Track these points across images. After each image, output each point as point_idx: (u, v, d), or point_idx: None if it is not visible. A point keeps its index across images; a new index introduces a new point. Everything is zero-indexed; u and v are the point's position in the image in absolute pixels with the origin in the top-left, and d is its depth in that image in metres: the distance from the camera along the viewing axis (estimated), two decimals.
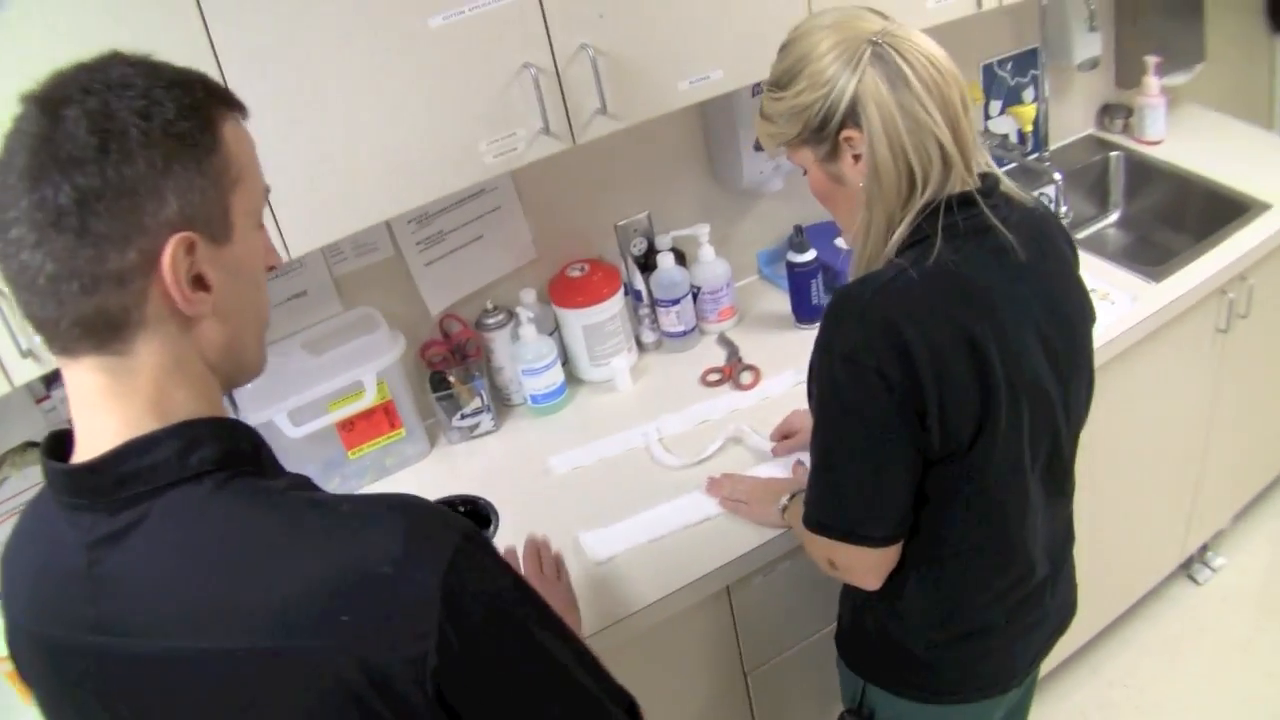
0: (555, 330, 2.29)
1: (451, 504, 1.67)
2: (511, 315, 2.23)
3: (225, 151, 0.93)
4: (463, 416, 2.20)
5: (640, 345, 2.38)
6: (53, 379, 1.83)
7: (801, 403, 2.02)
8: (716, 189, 2.44)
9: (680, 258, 2.34)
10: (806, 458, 1.92)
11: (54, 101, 0.88)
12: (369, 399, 2.05)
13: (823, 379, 1.41)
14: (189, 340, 0.94)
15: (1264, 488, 3.14)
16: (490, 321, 2.23)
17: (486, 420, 2.22)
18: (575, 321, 2.24)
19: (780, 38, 1.44)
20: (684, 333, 2.35)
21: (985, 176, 1.43)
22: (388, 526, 0.91)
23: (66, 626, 0.94)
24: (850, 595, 1.71)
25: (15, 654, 1.06)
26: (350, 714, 0.88)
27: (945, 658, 1.61)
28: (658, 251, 2.33)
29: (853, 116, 1.36)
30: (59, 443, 0.98)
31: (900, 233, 1.39)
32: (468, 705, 0.91)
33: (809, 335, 2.26)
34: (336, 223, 1.67)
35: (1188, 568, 3.03)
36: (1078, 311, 1.53)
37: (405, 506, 0.95)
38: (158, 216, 0.88)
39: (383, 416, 2.12)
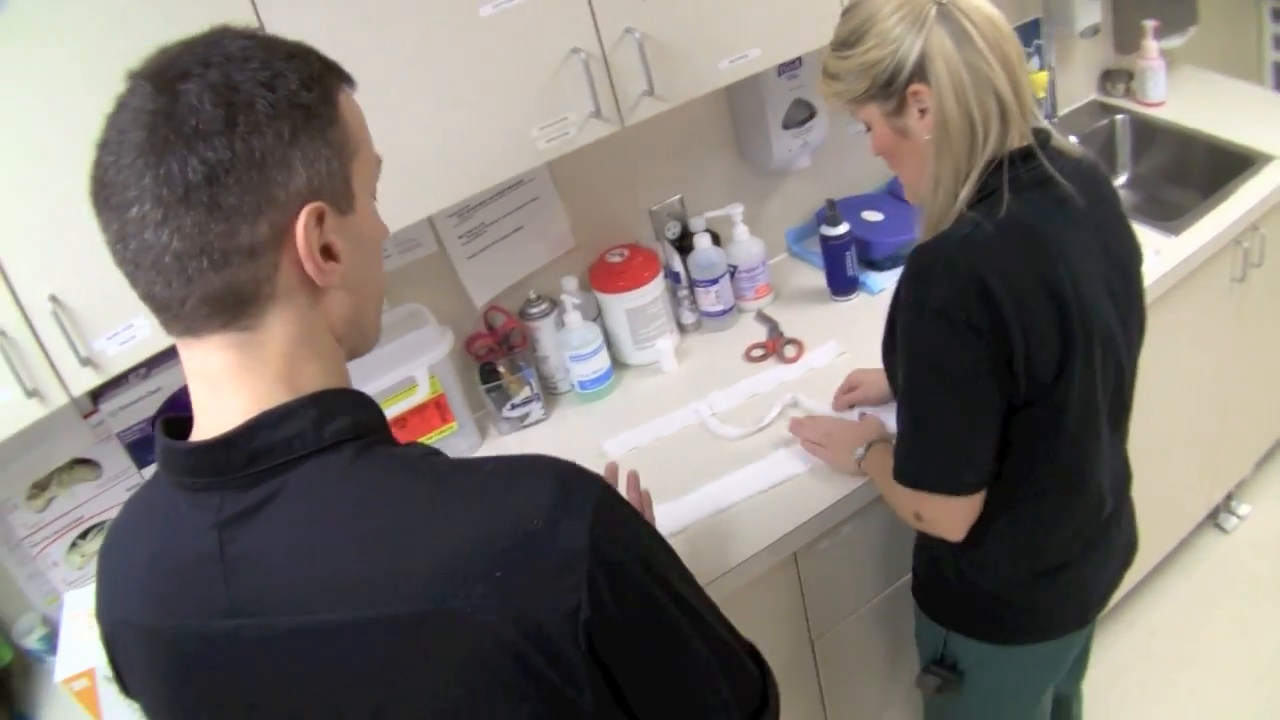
0: (598, 316, 2.32)
1: None
2: (555, 304, 2.25)
3: (343, 123, 0.93)
4: (513, 407, 2.23)
5: (681, 327, 2.42)
6: (101, 392, 1.80)
7: (843, 371, 2.09)
8: (744, 169, 2.49)
9: (715, 239, 2.38)
10: (871, 411, 1.98)
11: (169, 77, 0.86)
12: (422, 394, 2.07)
13: (914, 335, 1.46)
14: (319, 312, 0.94)
15: None
16: (534, 311, 2.25)
17: (536, 409, 2.24)
18: (618, 306, 2.27)
19: (810, 13, 1.49)
20: (723, 312, 2.39)
21: (1038, 132, 1.49)
22: (533, 482, 0.92)
23: (194, 614, 0.91)
24: (927, 546, 1.75)
25: (118, 657, 1.04)
26: (508, 670, 0.87)
27: (1028, 596, 1.66)
28: (692, 234, 2.36)
29: (920, 72, 1.42)
30: (173, 426, 0.96)
31: (969, 187, 1.44)
32: (618, 656, 0.91)
33: (845, 307, 2.36)
34: (391, 216, 1.68)
35: (1215, 517, 3.10)
36: (1130, 254, 1.61)
37: (545, 462, 0.95)
38: (288, 187, 0.87)
39: (434, 411, 2.15)
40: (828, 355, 2.23)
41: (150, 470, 1.86)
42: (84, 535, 1.91)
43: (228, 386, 0.91)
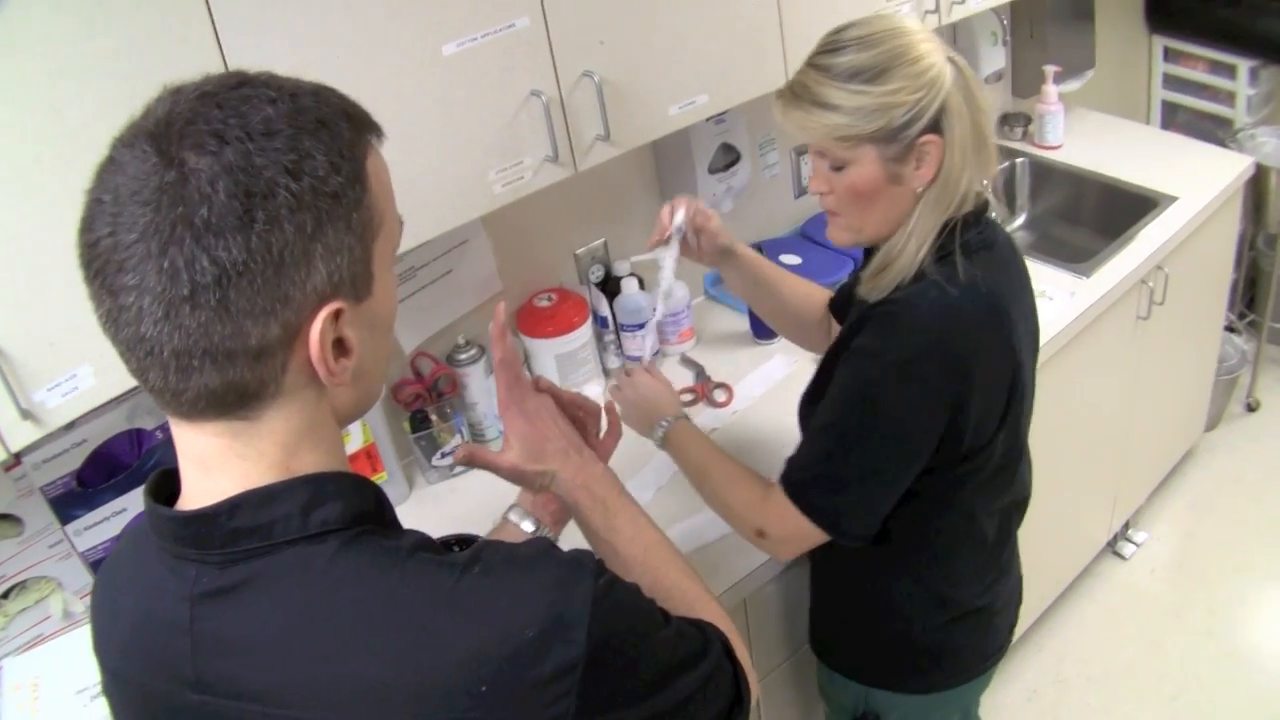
0: (525, 361, 2.29)
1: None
2: (484, 350, 2.22)
3: (371, 198, 0.85)
4: (442, 455, 2.18)
5: (605, 372, 2.40)
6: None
7: (774, 413, 2.09)
8: None
9: (640, 283, 2.37)
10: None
11: (178, 143, 0.77)
12: (355, 443, 2.02)
13: (863, 378, 1.45)
14: (323, 405, 0.89)
15: (1176, 463, 3.35)
16: (463, 357, 2.21)
17: None
18: (547, 351, 2.25)
19: (754, 61, 1.43)
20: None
21: (977, 195, 1.49)
22: (526, 585, 0.87)
23: (164, 680, 0.88)
24: (833, 604, 1.77)
25: (112, 700, 0.99)
26: None
27: (948, 640, 1.69)
28: (616, 277, 2.35)
29: (935, 124, 1.38)
30: (164, 481, 0.91)
31: (929, 245, 1.44)
32: None
33: (768, 350, 2.39)
34: None
35: (1113, 544, 3.21)
36: (1034, 309, 1.64)
37: (541, 560, 0.91)
38: (305, 287, 0.80)
39: (365, 461, 2.08)
40: (754, 397, 2.25)
41: (73, 527, 1.78)
42: (5, 595, 1.80)
43: (220, 470, 0.86)
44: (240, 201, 0.76)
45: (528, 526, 1.37)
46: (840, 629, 1.79)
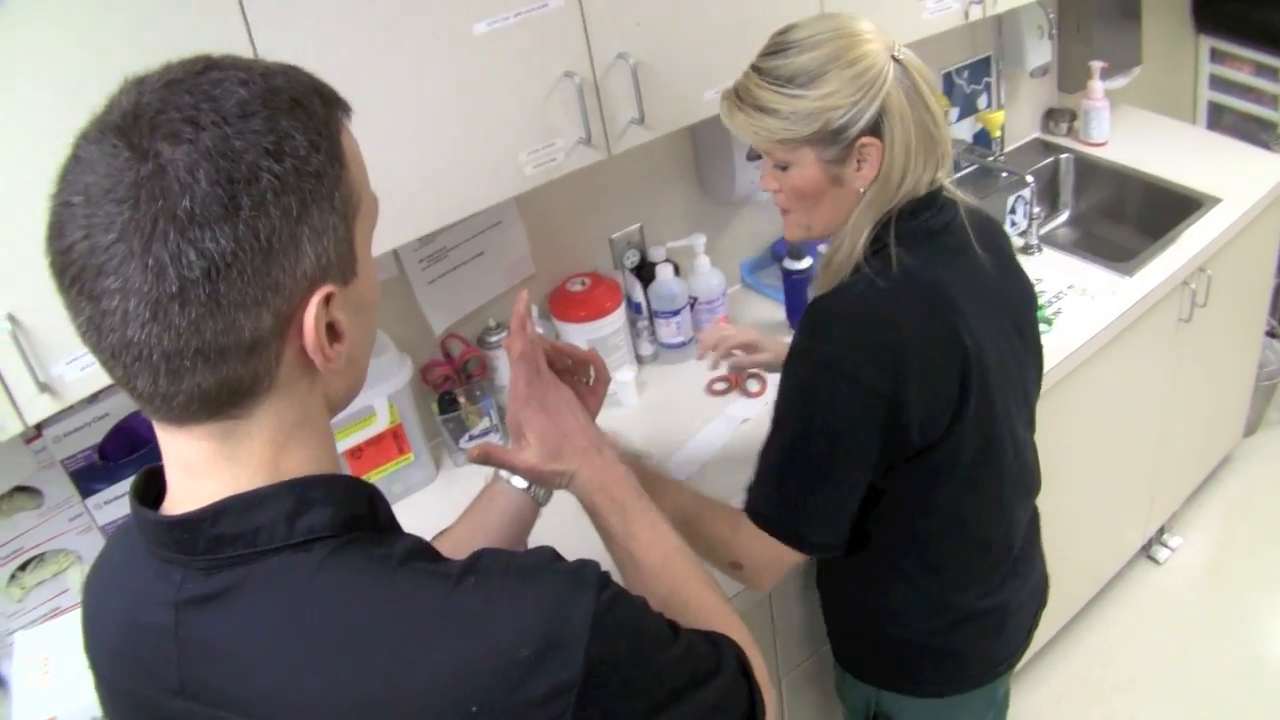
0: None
1: None
2: None
3: (349, 175, 0.82)
4: (470, 438, 2.17)
5: (639, 358, 2.38)
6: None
7: None
8: (703, 200, 2.46)
9: (675, 269, 2.35)
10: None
11: (146, 134, 0.73)
12: (381, 424, 2.01)
13: (797, 383, 1.44)
14: (316, 394, 0.86)
15: (1213, 468, 3.30)
16: (494, 339, 2.20)
17: (495, 440, 2.19)
18: (579, 336, 2.23)
19: None
20: (682, 344, 2.36)
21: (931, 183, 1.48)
22: (523, 599, 0.83)
23: (151, 686, 0.86)
24: (840, 611, 1.76)
25: (103, 702, 0.97)
26: None
27: (953, 644, 1.66)
28: (652, 263, 2.33)
29: (874, 127, 1.38)
30: (150, 481, 0.88)
31: (864, 240, 1.44)
32: None
33: None
34: (375, 239, 1.63)
35: (1147, 549, 3.16)
36: (1025, 298, 1.62)
37: (540, 570, 0.87)
38: (294, 273, 0.77)
39: (391, 442, 2.08)
40: None
41: (94, 500, 1.78)
42: (23, 567, 1.80)
43: (206, 475, 0.83)
44: (223, 188, 0.73)
45: (519, 482, 1.33)
46: (848, 632, 1.78)
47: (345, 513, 0.84)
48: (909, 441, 1.43)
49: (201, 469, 0.83)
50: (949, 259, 1.46)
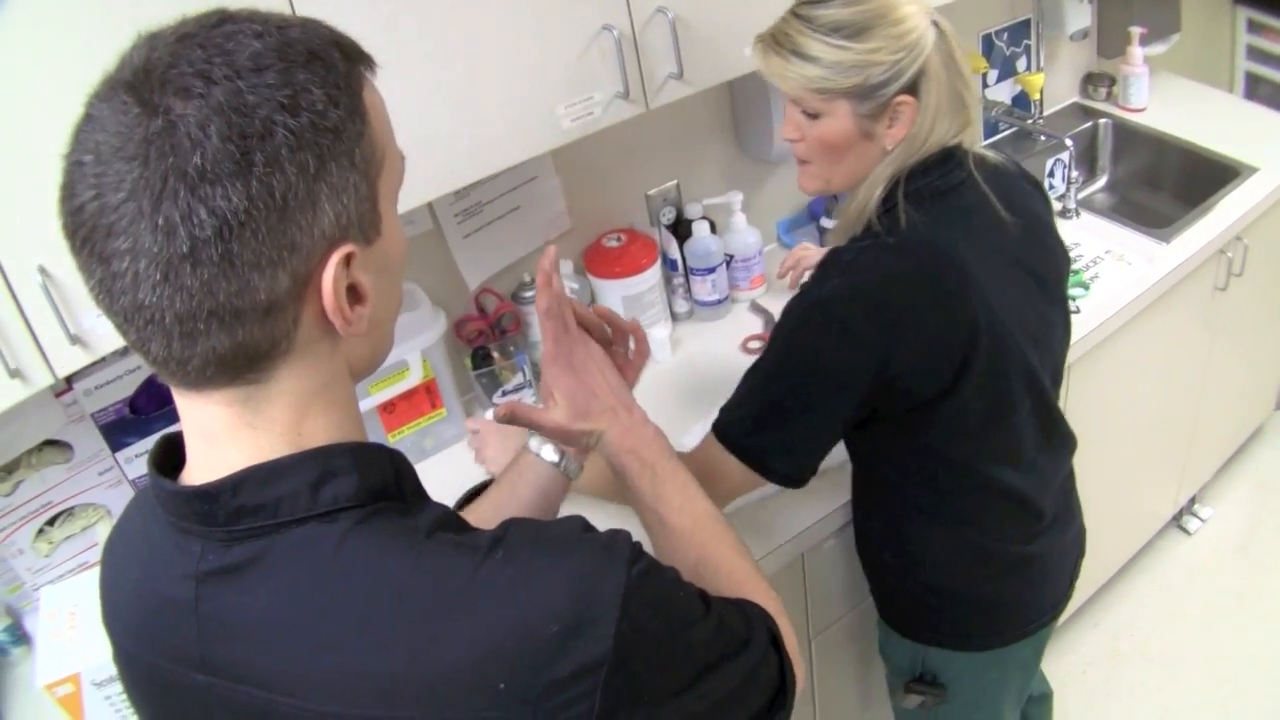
0: (592, 302, 2.26)
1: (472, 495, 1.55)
2: None
3: (371, 131, 0.78)
4: (503, 394, 2.16)
5: (673, 315, 2.37)
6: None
7: None
8: (740, 158, 2.44)
9: (711, 226, 2.33)
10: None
11: (156, 89, 0.71)
12: (414, 378, 2.00)
13: (791, 321, 1.47)
14: (338, 358, 0.83)
15: (1245, 439, 3.27)
16: (528, 295, 2.19)
17: (528, 396, 2.18)
18: (614, 292, 2.22)
19: None
20: (718, 301, 2.35)
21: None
22: (553, 573, 0.81)
23: (169, 659, 0.85)
24: (881, 569, 1.76)
25: (122, 673, 0.96)
26: None
27: (997, 592, 1.67)
28: (688, 220, 2.32)
29: (912, 87, 1.41)
30: (169, 450, 0.86)
31: (877, 197, 1.46)
32: None
33: None
34: (408, 195, 1.62)
35: (1178, 519, 3.14)
36: (1053, 259, 1.62)
37: (571, 543, 0.85)
38: (312, 232, 0.74)
39: (424, 397, 2.07)
40: None
41: (124, 454, 1.78)
42: (51, 521, 1.80)
43: (227, 443, 0.81)
44: (235, 144, 0.70)
45: (549, 455, 1.31)
46: (893, 591, 1.78)
47: (370, 482, 0.82)
48: (901, 393, 1.45)
49: (221, 436, 0.81)
50: (958, 217, 1.47)
